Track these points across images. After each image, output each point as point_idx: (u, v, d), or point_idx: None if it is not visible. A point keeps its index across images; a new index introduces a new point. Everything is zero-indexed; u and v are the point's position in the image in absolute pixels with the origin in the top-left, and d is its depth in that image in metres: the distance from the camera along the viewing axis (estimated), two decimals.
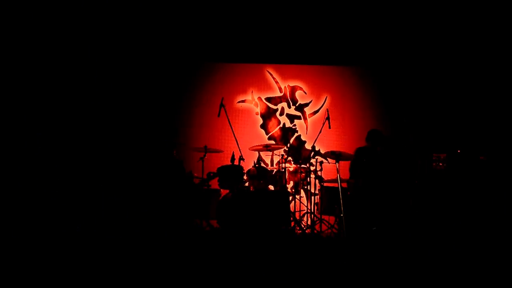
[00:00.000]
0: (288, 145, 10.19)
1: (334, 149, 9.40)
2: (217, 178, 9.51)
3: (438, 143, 9.77)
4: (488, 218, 8.34)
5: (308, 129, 11.09)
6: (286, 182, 9.82)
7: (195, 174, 9.42)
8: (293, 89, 11.10)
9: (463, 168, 8.29)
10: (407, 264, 6.94)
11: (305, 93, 11.11)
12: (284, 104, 11.09)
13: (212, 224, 9.30)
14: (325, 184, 9.75)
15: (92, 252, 6.74)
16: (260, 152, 9.97)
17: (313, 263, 7.60)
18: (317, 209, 9.79)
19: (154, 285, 5.67)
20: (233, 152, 9.52)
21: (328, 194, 9.51)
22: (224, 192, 9.48)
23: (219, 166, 9.44)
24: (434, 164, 8.60)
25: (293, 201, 9.92)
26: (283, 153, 10.04)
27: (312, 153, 10.18)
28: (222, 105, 9.56)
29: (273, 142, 10.82)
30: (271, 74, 11.06)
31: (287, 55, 11.17)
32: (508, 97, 10.15)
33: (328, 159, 10.25)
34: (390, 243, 7.56)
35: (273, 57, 11.14)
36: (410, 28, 11.21)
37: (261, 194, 8.90)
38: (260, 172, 9.40)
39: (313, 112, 11.11)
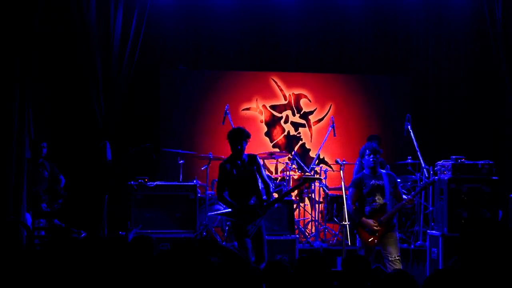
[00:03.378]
0: (293, 153, 10.18)
1: (339, 157, 9.40)
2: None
3: (442, 150, 9.75)
4: (492, 225, 8.29)
5: (312, 137, 11.09)
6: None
7: (200, 181, 9.40)
8: (298, 97, 11.10)
9: (465, 176, 8.25)
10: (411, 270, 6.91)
11: (310, 101, 11.11)
12: (289, 112, 11.10)
13: (217, 232, 9.30)
14: (329, 192, 9.73)
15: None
16: (265, 160, 9.97)
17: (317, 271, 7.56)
18: (321, 217, 9.78)
19: None
20: None
21: (332, 202, 9.50)
22: None
23: None
24: (438, 172, 8.57)
25: (297, 209, 9.90)
26: (287, 161, 10.04)
27: (317, 161, 10.17)
28: (226, 113, 9.57)
29: (277, 150, 10.81)
30: (275, 82, 11.07)
31: (291, 63, 11.18)
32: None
33: (333, 167, 10.25)
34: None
35: (278, 65, 11.14)
36: (414, 35, 11.21)
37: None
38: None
39: (317, 120, 11.11)
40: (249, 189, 7.17)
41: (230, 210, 7.28)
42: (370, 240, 7.27)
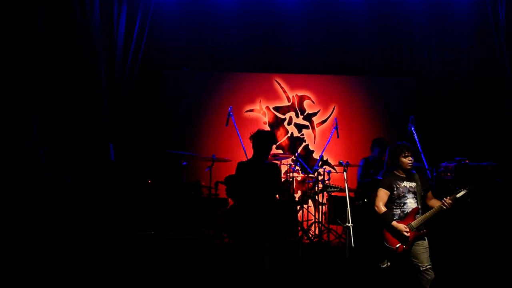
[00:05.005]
0: (296, 154, 10.18)
1: (342, 159, 9.40)
2: (224, 187, 9.50)
3: (446, 152, 9.74)
4: (496, 228, 8.28)
5: (316, 138, 11.09)
6: (294, 192, 9.81)
7: (203, 183, 9.41)
8: (301, 99, 11.10)
9: (470, 177, 8.24)
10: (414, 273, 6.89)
11: (313, 102, 11.11)
12: (292, 114, 11.10)
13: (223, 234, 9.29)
14: (332, 194, 9.72)
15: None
16: None
17: (321, 272, 7.57)
18: (324, 219, 9.77)
19: None
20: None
21: (335, 203, 9.49)
22: (231, 201, 9.46)
23: (227, 175, 9.42)
24: (442, 174, 8.56)
25: (301, 211, 9.89)
26: (291, 162, 10.03)
27: (320, 162, 10.16)
28: (230, 114, 9.58)
29: (281, 151, 10.81)
30: (279, 84, 11.07)
31: (295, 65, 11.18)
32: None
33: (336, 168, 10.23)
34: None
35: (282, 67, 11.15)
36: (418, 37, 11.20)
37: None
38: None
39: (321, 122, 11.10)
40: (261, 195, 7.26)
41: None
42: (398, 246, 6.81)
